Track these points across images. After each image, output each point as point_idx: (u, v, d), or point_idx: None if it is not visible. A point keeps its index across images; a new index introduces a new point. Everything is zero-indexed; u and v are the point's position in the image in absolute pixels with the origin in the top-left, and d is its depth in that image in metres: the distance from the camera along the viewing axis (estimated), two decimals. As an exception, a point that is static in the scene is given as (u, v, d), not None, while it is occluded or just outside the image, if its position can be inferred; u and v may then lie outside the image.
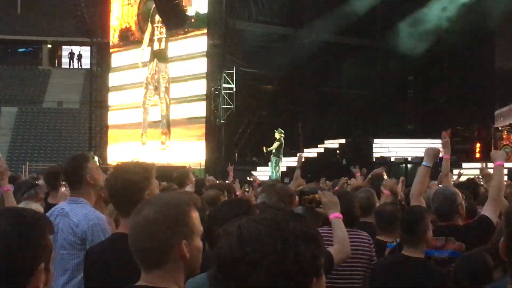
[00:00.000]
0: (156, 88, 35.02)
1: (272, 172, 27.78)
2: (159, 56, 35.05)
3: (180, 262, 2.88)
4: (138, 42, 37.13)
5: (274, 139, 28.45)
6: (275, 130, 28.58)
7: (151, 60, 35.41)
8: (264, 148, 29.01)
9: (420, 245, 5.42)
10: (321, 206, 5.34)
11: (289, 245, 1.93)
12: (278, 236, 1.93)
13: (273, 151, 28.27)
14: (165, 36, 34.40)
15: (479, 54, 35.53)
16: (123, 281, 3.64)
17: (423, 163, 6.77)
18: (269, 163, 28.48)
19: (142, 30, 37.23)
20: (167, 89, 34.47)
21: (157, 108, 35.23)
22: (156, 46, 35.34)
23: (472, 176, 14.88)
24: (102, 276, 4.02)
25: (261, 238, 1.92)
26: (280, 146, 28.28)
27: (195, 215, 2.97)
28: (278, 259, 1.90)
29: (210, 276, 2.02)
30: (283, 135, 28.46)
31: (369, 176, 11.60)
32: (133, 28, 38.30)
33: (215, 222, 3.92)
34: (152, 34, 35.43)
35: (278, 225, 1.96)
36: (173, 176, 10.47)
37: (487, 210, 6.17)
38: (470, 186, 9.63)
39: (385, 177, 11.75)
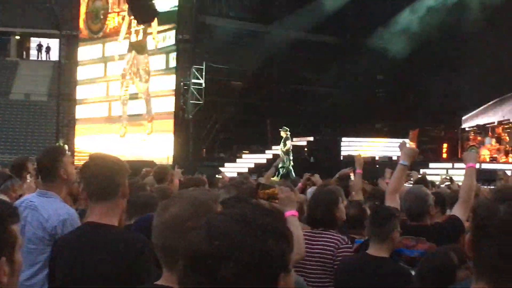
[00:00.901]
0: (133, 80, 34.78)
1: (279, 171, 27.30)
2: (137, 48, 34.83)
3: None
4: (86, 40, 37.43)
5: (281, 138, 28.06)
6: (280, 129, 28.25)
7: (129, 52, 35.19)
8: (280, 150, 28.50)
9: (386, 244, 5.42)
10: (277, 201, 5.29)
11: (258, 240, 1.92)
12: (247, 231, 1.92)
13: (283, 149, 27.78)
14: (143, 27, 34.16)
15: (448, 55, 35.72)
16: (91, 269, 3.61)
17: (401, 162, 6.75)
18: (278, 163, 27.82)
19: (90, 28, 37.34)
20: (147, 81, 34.22)
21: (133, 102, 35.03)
22: (133, 38, 35.14)
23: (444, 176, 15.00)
24: (69, 264, 3.94)
25: (230, 233, 1.92)
26: (285, 144, 27.81)
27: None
28: (247, 253, 1.90)
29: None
30: (288, 133, 28.04)
31: (337, 175, 11.59)
32: (81, 25, 38.43)
33: None
34: (129, 26, 35.20)
35: (248, 220, 1.95)
36: (153, 171, 10.41)
37: (458, 211, 6.23)
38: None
39: (352, 177, 11.75)
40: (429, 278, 4.47)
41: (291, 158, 27.68)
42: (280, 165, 26.61)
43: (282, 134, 27.72)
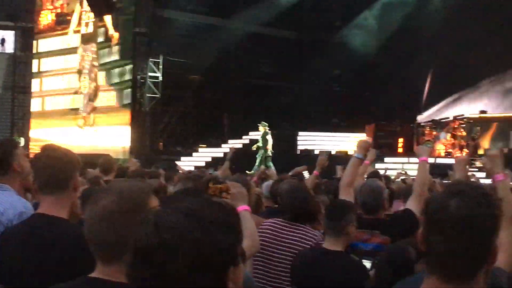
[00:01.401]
0: (87, 72, 34.50)
1: (260, 166, 27.10)
2: (88, 40, 34.57)
3: None
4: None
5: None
6: (259, 124, 28.15)
7: (81, 44, 34.91)
8: (253, 147, 28.37)
9: (342, 238, 5.42)
10: (228, 196, 5.25)
11: (207, 233, 1.91)
12: (196, 224, 1.91)
13: (261, 145, 27.62)
14: (93, 20, 33.90)
15: (405, 51, 35.96)
16: (38, 261, 3.55)
17: (355, 155, 6.77)
18: (258, 157, 27.62)
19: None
20: (96, 74, 33.97)
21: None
22: (83, 30, 34.86)
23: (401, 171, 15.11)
24: (12, 256, 3.87)
25: (179, 226, 1.90)
26: (265, 139, 27.69)
27: (155, 204, 2.89)
28: (195, 247, 1.88)
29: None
30: (267, 128, 27.90)
31: (290, 173, 11.58)
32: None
33: None
34: (80, 18, 34.92)
35: (196, 213, 1.94)
36: (98, 162, 10.31)
37: (412, 204, 6.21)
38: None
39: (306, 175, 11.76)
40: (388, 273, 4.49)
41: (271, 154, 27.64)
42: (258, 161, 26.66)
43: (261, 129, 27.63)
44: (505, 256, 4.60)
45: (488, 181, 6.00)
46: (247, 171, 23.14)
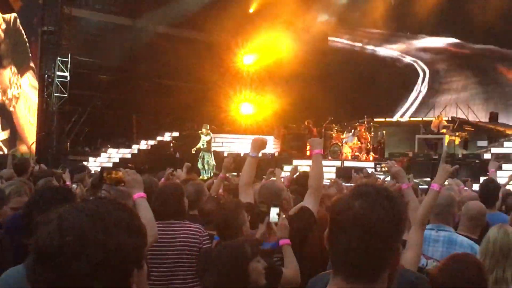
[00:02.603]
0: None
1: (204, 168, 26.67)
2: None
3: None
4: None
5: (201, 135, 27.40)
6: (202, 127, 27.69)
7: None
8: (193, 149, 27.85)
9: (237, 238, 5.42)
10: (123, 184, 5.21)
11: (111, 235, 1.88)
12: (100, 226, 1.88)
13: (203, 147, 27.14)
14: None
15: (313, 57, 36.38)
16: None
17: (250, 154, 6.78)
18: (199, 161, 27.05)
19: None
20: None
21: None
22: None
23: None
24: None
25: (82, 228, 1.87)
26: (209, 141, 27.28)
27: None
28: (99, 249, 1.86)
29: (27, 267, 1.95)
30: (209, 131, 27.43)
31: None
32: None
33: (37, 208, 3.81)
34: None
35: (100, 215, 1.91)
36: (13, 163, 10.18)
37: (308, 202, 6.23)
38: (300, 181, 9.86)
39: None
40: (224, 269, 4.53)
41: (212, 154, 27.41)
42: (201, 165, 26.37)
43: (204, 131, 27.27)
44: (413, 256, 4.72)
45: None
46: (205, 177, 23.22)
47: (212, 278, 4.57)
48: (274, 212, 5.72)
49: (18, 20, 31.63)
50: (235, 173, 15.72)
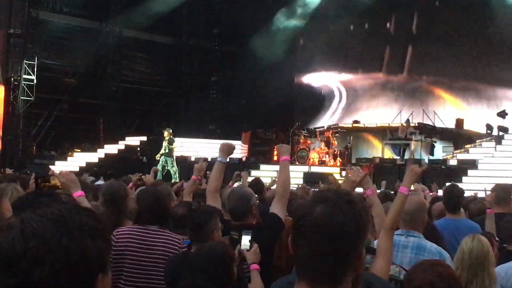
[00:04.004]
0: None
1: (173, 174, 26.37)
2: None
3: None
4: None
5: (163, 139, 27.18)
6: (164, 130, 27.43)
7: None
8: (157, 156, 27.60)
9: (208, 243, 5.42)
10: (59, 187, 5.19)
11: (75, 240, 1.86)
12: (63, 231, 1.86)
13: (166, 151, 26.90)
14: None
15: (282, 61, 36.48)
16: None
17: (218, 159, 6.79)
18: (159, 165, 26.62)
19: None
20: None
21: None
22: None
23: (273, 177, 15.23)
24: None
25: (46, 233, 1.85)
26: (170, 147, 27.00)
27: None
28: (63, 254, 1.84)
29: None
30: (172, 134, 27.19)
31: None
32: None
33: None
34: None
35: (64, 219, 1.89)
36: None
37: (275, 207, 6.24)
38: (256, 185, 9.90)
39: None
40: (210, 269, 4.57)
41: (174, 159, 27.23)
42: (160, 168, 26.16)
43: (166, 134, 27.06)
44: (383, 262, 4.72)
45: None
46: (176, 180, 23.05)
47: (193, 279, 4.56)
48: (246, 239, 5.74)
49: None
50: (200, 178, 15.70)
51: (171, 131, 27.13)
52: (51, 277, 1.84)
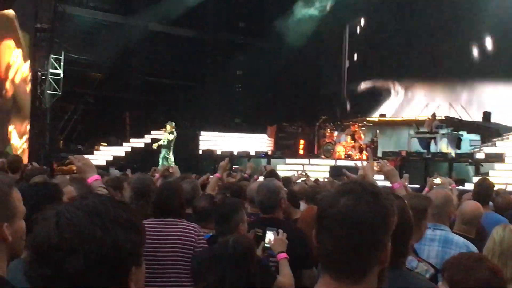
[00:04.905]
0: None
1: (163, 164, 26.66)
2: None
3: (2, 245, 2.76)
4: None
5: (165, 132, 27.55)
6: (166, 124, 27.72)
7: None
8: (154, 145, 28.09)
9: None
10: (75, 171, 5.19)
11: (109, 232, 1.88)
12: (98, 223, 1.88)
13: (164, 143, 27.22)
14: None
15: (306, 56, 36.38)
16: None
17: (217, 174, 6.95)
18: (160, 156, 27.39)
19: None
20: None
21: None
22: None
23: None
24: None
25: (80, 225, 1.87)
26: (171, 139, 27.32)
27: (17, 197, 2.87)
28: (97, 246, 1.86)
29: (25, 262, 1.96)
30: (174, 128, 27.50)
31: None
32: None
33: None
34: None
35: (98, 212, 1.91)
36: (7, 161, 10.16)
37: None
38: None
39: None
40: (235, 259, 4.59)
41: (171, 151, 27.44)
42: (161, 160, 26.38)
43: (168, 128, 27.28)
44: None
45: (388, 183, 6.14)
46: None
47: (219, 271, 4.58)
48: (269, 236, 5.74)
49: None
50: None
51: (173, 124, 27.32)
52: (85, 269, 1.86)
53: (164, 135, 27.39)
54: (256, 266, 4.70)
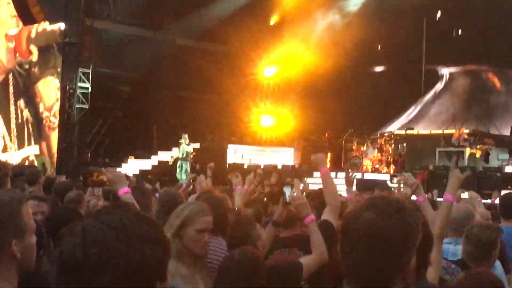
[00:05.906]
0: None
1: (181, 179, 26.82)
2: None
3: (12, 261, 2.78)
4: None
5: (179, 145, 27.94)
6: (180, 138, 28.08)
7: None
8: (170, 157, 28.47)
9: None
10: (107, 184, 5.19)
11: (134, 248, 1.89)
12: (124, 239, 1.89)
13: (182, 156, 27.56)
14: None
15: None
16: None
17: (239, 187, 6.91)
18: (177, 170, 27.78)
19: None
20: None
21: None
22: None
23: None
24: None
25: (106, 241, 1.88)
26: (189, 152, 27.68)
27: (26, 212, 2.89)
28: (123, 262, 1.86)
29: (52, 278, 1.98)
30: (187, 141, 27.86)
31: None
32: None
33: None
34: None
35: (124, 228, 1.92)
36: (26, 174, 10.22)
37: (328, 216, 6.18)
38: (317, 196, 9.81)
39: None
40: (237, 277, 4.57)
41: (189, 164, 27.66)
42: (179, 175, 26.57)
43: (182, 141, 27.63)
44: (432, 271, 4.65)
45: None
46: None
47: (225, 283, 4.57)
48: (287, 192, 5.68)
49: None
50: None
51: (186, 136, 27.54)
52: (111, 285, 1.87)
53: (181, 147, 27.60)
54: (262, 279, 4.65)
